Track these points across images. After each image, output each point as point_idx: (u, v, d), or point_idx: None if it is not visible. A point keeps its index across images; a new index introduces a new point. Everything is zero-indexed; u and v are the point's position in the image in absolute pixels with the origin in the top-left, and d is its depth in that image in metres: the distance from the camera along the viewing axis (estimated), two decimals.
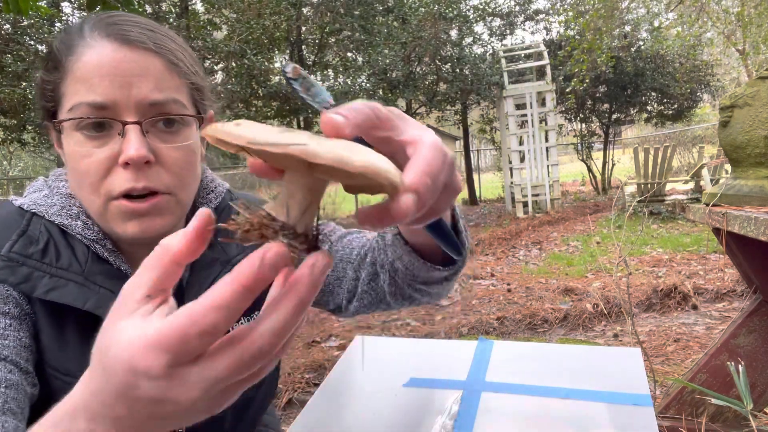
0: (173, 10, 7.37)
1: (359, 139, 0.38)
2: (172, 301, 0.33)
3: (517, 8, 10.98)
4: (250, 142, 0.29)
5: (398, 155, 0.35)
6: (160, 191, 0.63)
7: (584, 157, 11.78)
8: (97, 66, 0.60)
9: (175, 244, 0.32)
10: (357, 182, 0.32)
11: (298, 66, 0.35)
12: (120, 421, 0.33)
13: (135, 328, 0.30)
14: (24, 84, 6.36)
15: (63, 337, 0.64)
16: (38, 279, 0.62)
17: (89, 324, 0.63)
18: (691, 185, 7.47)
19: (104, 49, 0.61)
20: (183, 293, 0.71)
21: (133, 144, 0.60)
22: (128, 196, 0.62)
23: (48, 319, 0.63)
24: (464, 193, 12.21)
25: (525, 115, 8.78)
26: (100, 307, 0.62)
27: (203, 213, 0.32)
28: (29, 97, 6.27)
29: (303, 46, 8.49)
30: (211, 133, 0.31)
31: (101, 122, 0.61)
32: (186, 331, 0.29)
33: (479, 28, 10.80)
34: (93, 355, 0.33)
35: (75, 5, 6.89)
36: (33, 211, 0.67)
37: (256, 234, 0.32)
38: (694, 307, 3.42)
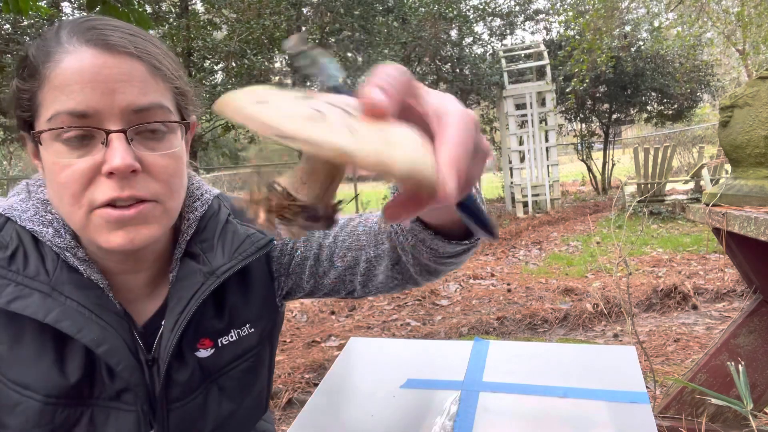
0: (173, 10, 7.36)
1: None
2: None
3: (517, 8, 10.95)
4: (279, 135, 0.26)
5: (418, 124, 0.33)
6: (146, 199, 0.60)
7: (584, 157, 11.76)
8: (78, 72, 0.57)
9: None
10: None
11: (299, 36, 0.31)
12: None
13: None
14: None
15: (19, 348, 0.62)
16: (2, 287, 0.60)
17: (48, 336, 0.62)
18: (691, 185, 7.47)
19: (84, 55, 0.57)
20: (166, 304, 0.69)
21: (118, 153, 0.57)
22: (112, 204, 0.58)
23: (5, 327, 0.62)
24: None
25: (525, 115, 8.77)
26: (62, 320, 0.60)
27: None
28: None
29: None
30: (231, 114, 0.28)
31: (83, 131, 0.58)
32: None
33: (479, 28, 10.76)
34: None
35: (75, 5, 6.89)
36: (6, 215, 0.65)
37: (274, 214, 0.31)
38: (694, 307, 3.42)
